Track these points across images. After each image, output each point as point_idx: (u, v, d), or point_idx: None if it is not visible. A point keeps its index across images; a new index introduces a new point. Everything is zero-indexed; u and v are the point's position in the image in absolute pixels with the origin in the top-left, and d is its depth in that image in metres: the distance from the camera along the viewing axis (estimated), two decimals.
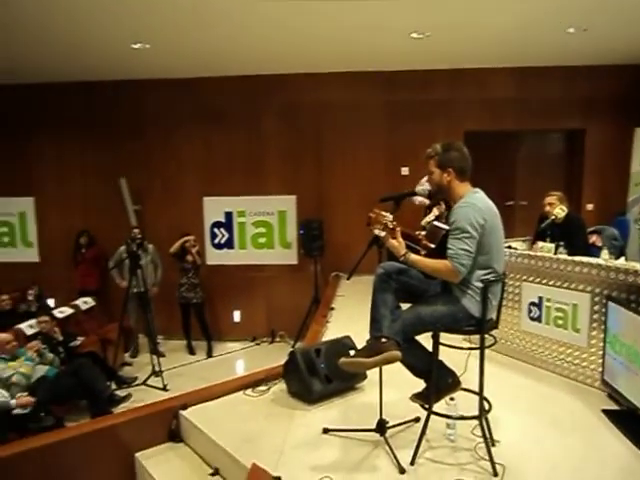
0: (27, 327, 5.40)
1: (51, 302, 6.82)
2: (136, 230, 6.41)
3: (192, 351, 6.82)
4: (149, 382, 5.78)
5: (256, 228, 7.19)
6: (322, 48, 5.79)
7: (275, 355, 6.51)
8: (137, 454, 3.09)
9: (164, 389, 5.62)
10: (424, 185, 4.07)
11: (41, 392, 4.49)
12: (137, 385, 5.74)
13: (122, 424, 3.18)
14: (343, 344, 3.30)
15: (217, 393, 3.32)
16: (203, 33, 5.11)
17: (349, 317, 4.83)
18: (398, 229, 2.41)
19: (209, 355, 6.76)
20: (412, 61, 6.35)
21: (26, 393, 4.41)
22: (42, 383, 4.63)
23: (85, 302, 6.54)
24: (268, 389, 3.34)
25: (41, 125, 7.34)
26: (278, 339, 7.14)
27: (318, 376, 3.11)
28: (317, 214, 6.88)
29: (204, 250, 7.13)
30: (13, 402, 4.23)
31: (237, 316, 7.34)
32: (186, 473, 2.86)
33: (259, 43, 5.52)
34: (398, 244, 2.39)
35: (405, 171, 6.84)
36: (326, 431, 2.76)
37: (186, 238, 6.61)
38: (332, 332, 4.32)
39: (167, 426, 3.18)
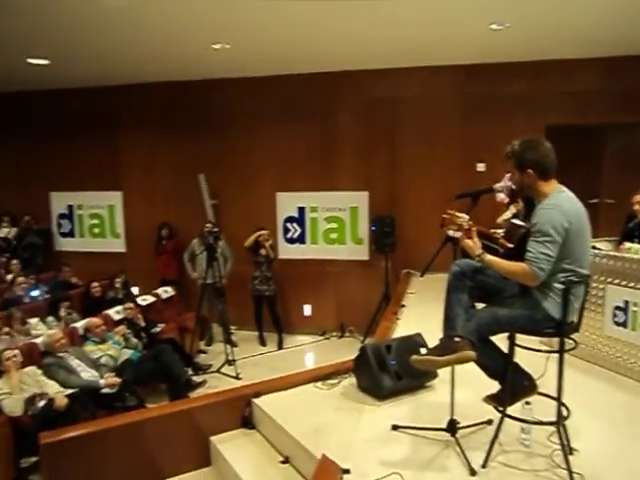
0: (114, 313, 5.77)
1: (135, 290, 7.23)
2: (209, 225, 6.62)
3: (263, 342, 7.02)
4: (223, 370, 6.02)
5: (328, 223, 7.26)
6: (398, 45, 5.74)
7: (344, 350, 6.59)
8: (212, 437, 3.23)
9: (237, 377, 5.83)
10: (504, 181, 3.94)
11: (126, 374, 4.80)
12: (212, 372, 6.00)
13: (199, 408, 3.34)
14: (414, 342, 3.28)
15: (288, 384, 3.41)
16: (282, 32, 5.21)
17: (420, 315, 4.78)
18: (474, 229, 2.35)
19: (280, 347, 6.93)
20: (491, 53, 6.14)
21: (113, 374, 4.73)
22: (127, 365, 4.95)
23: (165, 291, 6.90)
24: (338, 383, 3.38)
25: (130, 124, 7.81)
26: (347, 334, 7.18)
27: (388, 372, 3.11)
28: (389, 210, 6.84)
29: (277, 244, 7.30)
30: (102, 382, 4.56)
31: (308, 310, 7.46)
32: (258, 459, 2.96)
33: (336, 40, 5.55)
34: (473, 244, 2.33)
35: (481, 167, 6.64)
36: (395, 428, 2.76)
37: (260, 232, 6.79)
38: (402, 329, 4.29)
39: (240, 413, 3.31)
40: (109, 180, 7.98)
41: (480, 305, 2.43)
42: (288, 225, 7.40)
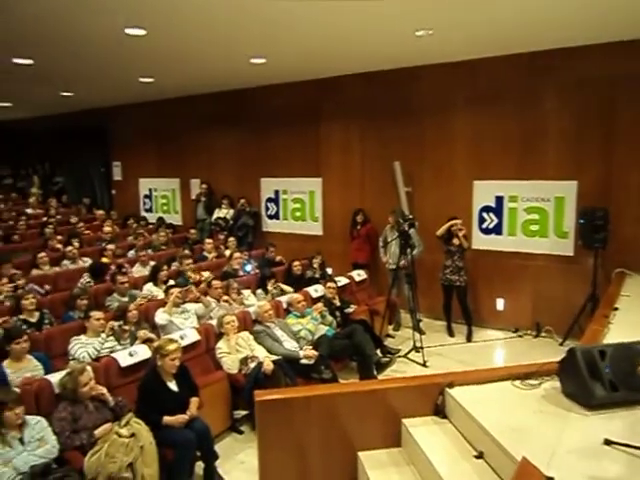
0: (313, 291, 6.23)
1: (329, 271, 7.69)
2: (406, 215, 6.64)
3: (451, 333, 6.90)
4: (410, 356, 6.10)
5: (528, 214, 6.77)
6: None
7: (539, 350, 6.17)
8: (404, 420, 3.31)
9: (424, 365, 5.86)
10: None
11: (322, 348, 5.16)
12: (399, 356, 6.12)
13: (392, 390, 3.43)
14: (636, 351, 2.91)
15: (484, 378, 3.31)
16: (490, 14, 4.98)
17: (637, 321, 4.23)
18: None
19: (468, 339, 6.74)
20: None
21: (310, 347, 5.13)
22: (323, 340, 5.32)
23: (359, 274, 7.21)
24: (539, 384, 3.18)
25: (330, 115, 8.28)
26: (543, 334, 6.67)
27: (601, 380, 2.82)
28: (602, 202, 6.10)
29: (471, 234, 7.06)
30: (301, 353, 4.98)
31: (500, 304, 7.10)
32: (450, 449, 2.95)
33: (549, 16, 5.11)
34: None
35: None
36: (609, 443, 2.49)
37: (453, 222, 6.65)
38: (615, 335, 3.84)
39: (432, 400, 3.32)
40: (311, 167, 8.58)
41: None
42: (484, 215, 7.09)
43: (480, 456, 2.80)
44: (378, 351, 5.86)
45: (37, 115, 13.88)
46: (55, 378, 3.76)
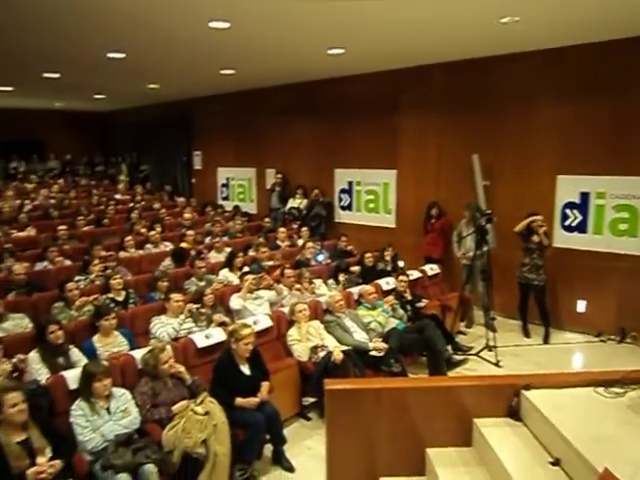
0: (385, 283, 6.20)
1: (400, 264, 7.61)
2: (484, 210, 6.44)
3: (527, 334, 6.63)
4: (482, 354, 5.94)
5: (617, 212, 6.34)
6: None
7: (623, 357, 5.82)
8: (475, 420, 3.23)
9: (497, 365, 5.69)
10: None
11: (392, 341, 5.13)
12: (470, 354, 5.97)
13: (464, 388, 3.36)
14: None
15: (564, 382, 3.16)
16: None
17: None
18: None
19: (545, 341, 6.44)
20: None
21: (380, 339, 5.12)
22: (393, 333, 5.29)
23: (431, 268, 7.09)
24: (624, 393, 2.99)
25: (406, 107, 8.16)
26: (628, 340, 6.27)
27: None
28: None
29: (552, 231, 6.73)
30: (371, 345, 4.98)
31: (581, 306, 6.73)
32: (524, 454, 2.85)
33: None
34: None
35: None
36: None
37: (533, 218, 6.36)
38: None
39: (506, 402, 3.21)
40: (386, 159, 8.50)
41: None
42: (567, 211, 6.73)
43: (556, 463, 2.69)
44: (449, 347, 5.75)
45: (126, 107, 14.72)
46: (138, 354, 4.00)
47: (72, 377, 3.64)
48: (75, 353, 4.14)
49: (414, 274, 6.66)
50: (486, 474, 2.98)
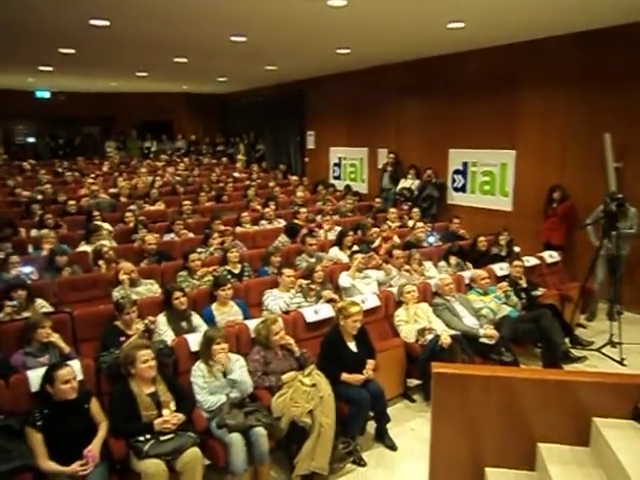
0: (498, 269, 5.94)
1: (516, 249, 7.21)
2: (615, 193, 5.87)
3: None
4: (604, 350, 5.51)
5: None
6: None
7: None
8: (594, 418, 3.02)
9: (620, 362, 5.28)
10: None
11: (504, 329, 4.93)
12: (591, 349, 5.57)
13: (582, 384, 3.13)
14: None
15: None
16: None
17: None
18: None
19: None
20: None
21: (492, 326, 4.93)
22: (505, 321, 5.07)
23: (551, 255, 6.65)
24: None
25: (527, 82, 7.64)
26: None
27: None
28: None
29: None
30: (481, 331, 4.81)
31: None
32: None
33: None
34: None
35: None
36: None
37: None
38: None
39: (632, 403, 2.96)
40: (504, 139, 8.05)
41: None
42: None
43: None
44: (567, 340, 5.39)
45: (244, 89, 15.38)
46: (252, 324, 4.23)
47: (193, 340, 3.95)
48: (196, 318, 4.48)
49: (531, 260, 6.30)
50: (604, 477, 2.78)
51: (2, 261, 5.45)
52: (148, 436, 3.22)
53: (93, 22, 6.27)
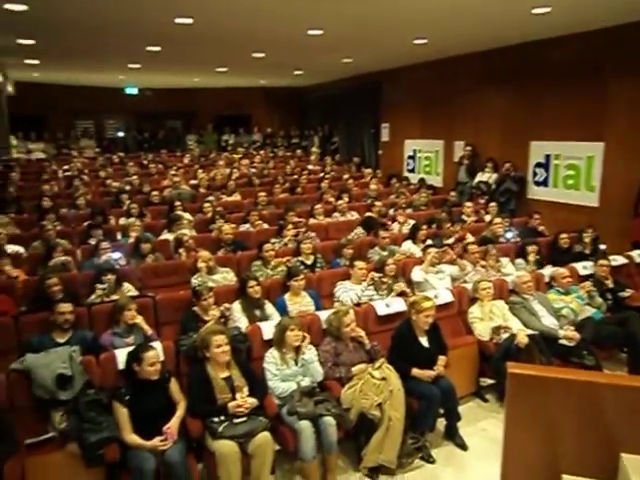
0: (581, 267, 5.62)
1: (602, 247, 6.79)
2: None
3: None
4: None
5: None
6: None
7: None
8: None
9: None
10: None
11: (586, 331, 4.66)
12: None
13: None
14: None
15: None
16: None
17: None
18: None
19: None
20: None
21: (572, 328, 4.68)
22: (587, 323, 4.80)
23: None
24: None
25: (618, 70, 7.12)
26: None
27: None
28: None
29: None
30: (561, 332, 4.58)
31: None
32: None
33: None
34: None
35: None
36: None
37: None
38: None
39: None
40: (591, 130, 7.57)
41: None
42: None
43: None
44: None
45: (320, 82, 15.48)
46: (323, 315, 4.28)
47: (266, 328, 4.06)
48: (269, 307, 4.60)
49: (618, 260, 5.90)
50: None
51: (94, 247, 5.86)
52: (222, 418, 3.36)
53: (178, 20, 6.55)
